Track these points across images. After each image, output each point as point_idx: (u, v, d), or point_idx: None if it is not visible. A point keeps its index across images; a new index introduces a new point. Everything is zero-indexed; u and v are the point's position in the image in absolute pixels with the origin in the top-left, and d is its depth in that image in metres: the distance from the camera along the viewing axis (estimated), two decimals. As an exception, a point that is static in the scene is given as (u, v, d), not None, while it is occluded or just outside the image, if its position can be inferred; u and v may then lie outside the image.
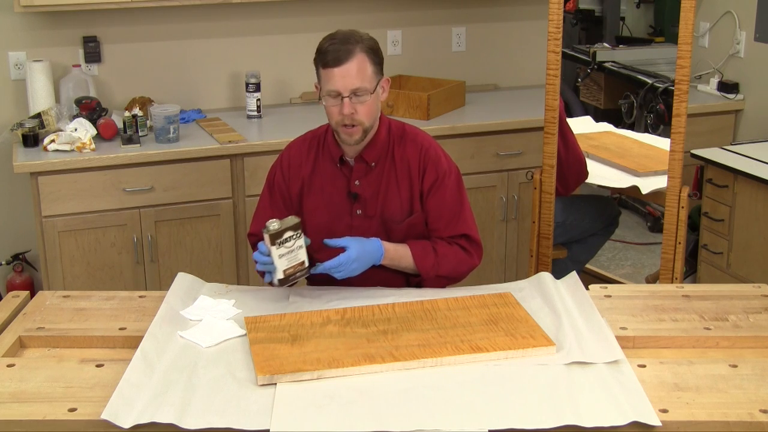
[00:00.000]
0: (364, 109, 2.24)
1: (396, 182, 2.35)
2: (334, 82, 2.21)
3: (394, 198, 2.35)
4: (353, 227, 2.37)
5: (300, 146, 2.43)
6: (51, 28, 3.64)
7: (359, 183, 2.35)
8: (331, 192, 2.37)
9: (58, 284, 3.30)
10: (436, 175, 2.35)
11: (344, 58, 2.20)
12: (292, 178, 2.40)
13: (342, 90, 2.21)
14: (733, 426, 1.69)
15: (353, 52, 2.21)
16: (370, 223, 2.36)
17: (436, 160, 2.36)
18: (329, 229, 2.36)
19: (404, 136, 2.38)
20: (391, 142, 2.36)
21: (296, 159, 2.41)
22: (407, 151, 2.35)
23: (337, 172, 2.37)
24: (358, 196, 2.35)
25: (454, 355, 1.91)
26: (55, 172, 3.22)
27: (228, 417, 1.70)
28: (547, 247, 3.13)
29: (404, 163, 2.35)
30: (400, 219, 2.35)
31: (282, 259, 2.14)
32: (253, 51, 3.94)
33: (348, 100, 2.21)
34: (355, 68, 2.20)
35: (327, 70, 2.22)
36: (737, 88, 4.12)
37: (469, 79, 4.15)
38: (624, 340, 2.00)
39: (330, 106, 2.24)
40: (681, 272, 2.99)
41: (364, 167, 2.35)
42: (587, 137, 3.71)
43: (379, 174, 2.35)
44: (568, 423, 1.67)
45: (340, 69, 2.20)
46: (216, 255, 3.48)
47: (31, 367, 1.91)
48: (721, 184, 3.46)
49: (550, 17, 2.94)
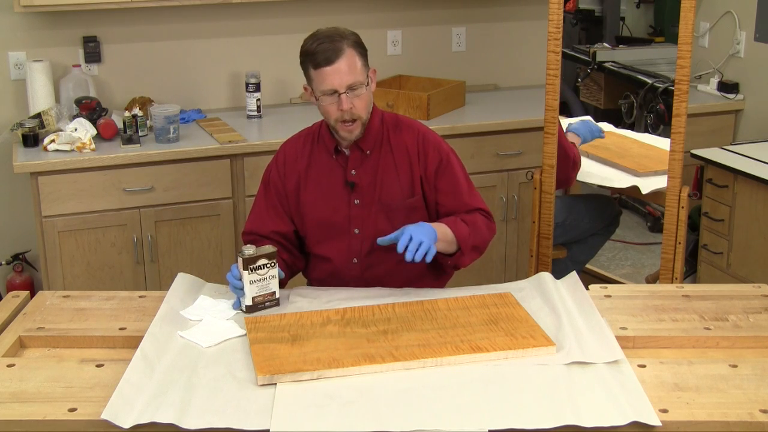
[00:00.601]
0: (361, 103, 2.25)
1: (394, 167, 2.36)
2: (330, 80, 2.22)
3: (392, 183, 2.36)
4: (352, 217, 2.38)
5: (295, 143, 2.45)
6: (51, 28, 3.64)
7: (355, 172, 2.36)
8: (328, 183, 2.38)
9: (58, 284, 3.30)
10: (440, 157, 2.37)
11: (334, 57, 2.21)
12: (288, 174, 2.41)
13: (338, 87, 2.22)
14: (733, 426, 1.69)
15: (342, 49, 2.22)
16: (369, 211, 2.37)
17: (436, 143, 2.39)
18: (328, 220, 2.37)
19: (399, 124, 2.40)
20: (386, 130, 2.38)
21: (291, 155, 2.42)
22: (404, 137, 2.38)
23: (333, 163, 2.38)
24: (355, 185, 2.36)
25: (454, 355, 1.91)
26: (55, 172, 3.22)
27: (228, 417, 1.70)
28: (547, 247, 3.13)
29: (402, 148, 2.37)
30: (399, 201, 2.36)
31: (253, 285, 2.16)
32: (253, 51, 3.94)
33: (345, 96, 2.22)
34: (346, 65, 2.21)
35: (319, 71, 2.23)
36: (737, 88, 4.12)
37: (469, 79, 4.15)
38: (624, 340, 2.00)
39: (327, 105, 2.25)
40: (681, 272, 2.99)
41: (360, 155, 2.36)
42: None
43: (375, 161, 2.36)
44: (568, 423, 1.67)
45: (332, 67, 2.21)
46: (216, 255, 3.48)
47: (31, 367, 1.91)
48: (721, 184, 3.46)
49: (550, 17, 2.94)
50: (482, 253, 2.41)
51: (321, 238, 2.41)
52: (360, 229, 2.38)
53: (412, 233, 2.16)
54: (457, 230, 2.30)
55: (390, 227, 2.35)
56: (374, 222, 2.37)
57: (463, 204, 2.39)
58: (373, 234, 2.36)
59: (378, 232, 2.35)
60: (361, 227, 2.38)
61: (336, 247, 2.38)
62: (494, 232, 2.44)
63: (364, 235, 2.38)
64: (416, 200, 2.37)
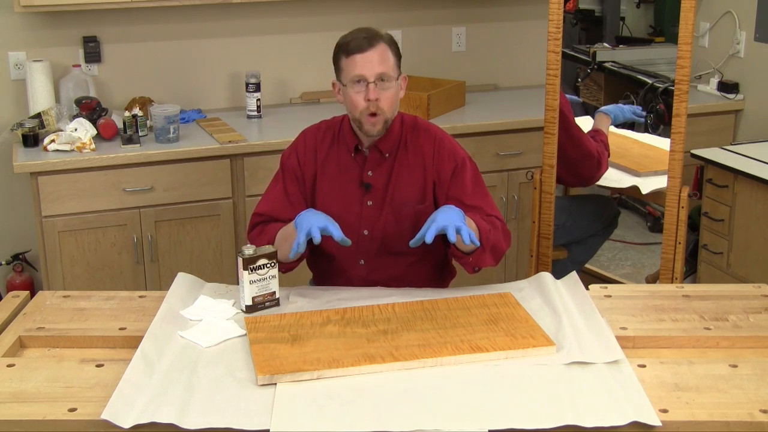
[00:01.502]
0: (387, 98, 2.24)
1: (409, 170, 2.36)
2: (360, 67, 2.22)
3: (405, 185, 2.36)
4: (363, 217, 2.37)
5: (315, 133, 2.43)
6: (51, 28, 3.64)
7: (372, 173, 2.36)
8: (343, 181, 2.38)
9: (58, 284, 3.30)
10: (455, 162, 2.36)
11: (367, 46, 2.22)
12: (308, 162, 2.40)
13: (368, 75, 2.22)
14: (733, 426, 1.69)
15: (376, 41, 2.24)
16: (380, 212, 2.36)
17: (452, 148, 2.38)
18: (339, 218, 2.36)
19: (416, 126, 2.39)
20: (404, 132, 2.37)
21: (311, 145, 2.41)
22: (421, 140, 2.37)
23: (351, 162, 2.37)
24: (370, 187, 2.36)
25: (454, 355, 1.91)
26: (55, 172, 3.22)
27: (228, 417, 1.70)
28: (547, 247, 3.13)
29: (418, 152, 2.36)
30: (410, 206, 2.35)
31: (252, 285, 2.16)
32: (253, 51, 3.94)
33: (373, 85, 2.22)
34: (378, 55, 2.22)
35: (350, 58, 2.23)
36: (737, 88, 4.12)
37: (469, 79, 4.15)
38: (624, 340, 2.00)
39: (354, 94, 2.24)
40: (681, 272, 2.99)
41: (378, 157, 2.35)
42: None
43: (391, 163, 2.36)
44: (568, 423, 1.67)
45: (363, 55, 2.22)
46: (216, 255, 3.48)
47: (31, 367, 1.91)
48: (721, 184, 3.46)
49: (550, 17, 2.94)
50: (498, 260, 2.36)
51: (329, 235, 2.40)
52: (369, 231, 2.37)
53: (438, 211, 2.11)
54: (479, 224, 2.26)
55: (397, 231, 2.35)
56: (383, 224, 2.36)
57: (474, 210, 2.35)
58: (382, 236, 2.36)
59: (386, 236, 2.36)
60: (371, 229, 2.37)
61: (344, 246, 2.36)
62: (509, 239, 2.40)
63: (372, 236, 2.38)
64: (426, 207, 2.36)
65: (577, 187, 3.27)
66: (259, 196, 2.55)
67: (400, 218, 2.36)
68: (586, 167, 3.22)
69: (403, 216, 2.36)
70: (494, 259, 2.34)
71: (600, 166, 3.25)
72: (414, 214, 2.36)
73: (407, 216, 2.36)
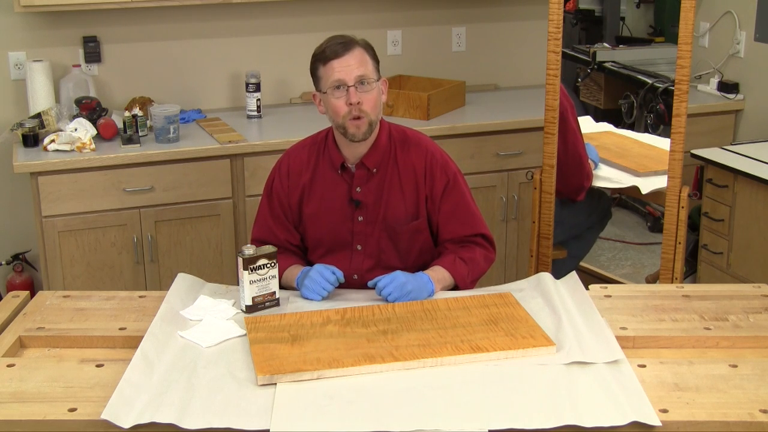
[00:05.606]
0: (369, 100, 2.24)
1: (400, 187, 2.34)
2: (339, 71, 2.22)
3: (397, 203, 2.34)
4: (355, 233, 2.36)
5: (299, 153, 2.41)
6: (51, 28, 3.64)
7: (360, 189, 2.35)
8: (331, 199, 2.36)
9: (58, 284, 3.30)
10: (447, 179, 2.36)
11: (343, 50, 2.23)
12: (292, 186, 2.39)
13: (347, 79, 2.21)
14: (733, 426, 1.69)
15: (352, 45, 2.24)
16: (373, 228, 2.36)
17: (444, 163, 2.37)
18: (331, 236, 2.36)
19: (406, 140, 2.37)
20: (393, 147, 2.35)
21: (296, 167, 2.40)
22: (411, 156, 2.35)
23: (338, 179, 2.36)
24: (360, 203, 2.35)
25: (454, 355, 1.91)
26: (55, 172, 3.22)
27: (228, 417, 1.70)
28: (547, 247, 3.13)
29: (409, 168, 2.34)
30: (403, 223, 2.35)
31: (252, 285, 2.16)
32: (253, 51, 3.94)
33: (353, 89, 2.22)
34: (355, 59, 2.23)
35: (328, 65, 2.23)
36: (737, 88, 4.12)
37: (469, 79, 4.15)
38: (624, 340, 2.00)
39: (335, 100, 2.24)
40: (681, 272, 2.99)
41: (366, 173, 2.34)
42: (587, 137, 3.71)
43: (381, 180, 2.34)
44: (568, 423, 1.67)
45: (340, 60, 2.22)
46: (216, 255, 3.48)
47: (31, 367, 1.91)
48: (721, 184, 3.46)
49: (550, 17, 2.94)
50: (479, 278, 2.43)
51: (323, 252, 2.40)
52: (362, 246, 2.37)
53: (405, 278, 2.20)
54: (456, 272, 2.32)
55: (393, 247, 2.36)
56: (377, 240, 2.36)
57: (462, 229, 2.38)
58: (376, 252, 2.36)
59: (380, 251, 2.36)
60: (364, 244, 2.37)
61: (337, 262, 2.34)
62: (492, 261, 2.44)
63: (366, 252, 2.37)
64: (420, 223, 2.36)
65: (564, 197, 3.25)
66: (258, 196, 2.55)
67: (394, 236, 2.36)
68: (576, 176, 3.21)
69: (397, 233, 2.36)
70: (473, 286, 2.40)
71: (588, 178, 3.26)
72: (409, 231, 2.36)
73: (402, 233, 2.36)
